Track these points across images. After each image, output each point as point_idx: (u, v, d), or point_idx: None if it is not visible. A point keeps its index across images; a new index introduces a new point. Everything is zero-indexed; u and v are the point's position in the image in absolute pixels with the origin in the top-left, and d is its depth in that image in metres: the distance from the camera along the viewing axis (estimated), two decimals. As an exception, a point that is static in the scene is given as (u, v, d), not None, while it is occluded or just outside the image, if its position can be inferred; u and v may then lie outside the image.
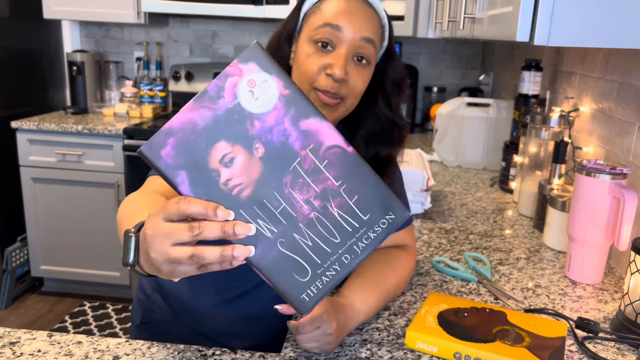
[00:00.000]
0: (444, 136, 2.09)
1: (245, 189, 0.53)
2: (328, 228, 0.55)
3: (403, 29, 2.35)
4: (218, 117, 0.52)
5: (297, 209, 0.54)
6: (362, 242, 0.56)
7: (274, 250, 0.53)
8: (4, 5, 2.68)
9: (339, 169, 0.55)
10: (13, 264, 2.74)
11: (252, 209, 0.53)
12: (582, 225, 1.06)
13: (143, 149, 0.56)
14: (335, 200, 0.55)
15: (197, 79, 3.04)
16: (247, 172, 0.53)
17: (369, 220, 0.56)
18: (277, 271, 0.53)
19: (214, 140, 0.53)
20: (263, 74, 0.53)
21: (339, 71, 0.86)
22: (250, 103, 0.53)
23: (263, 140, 0.53)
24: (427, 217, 1.46)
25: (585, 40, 0.81)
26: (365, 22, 0.89)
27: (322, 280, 0.55)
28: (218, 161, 0.53)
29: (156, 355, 0.80)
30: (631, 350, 0.87)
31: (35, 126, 2.58)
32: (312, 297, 0.55)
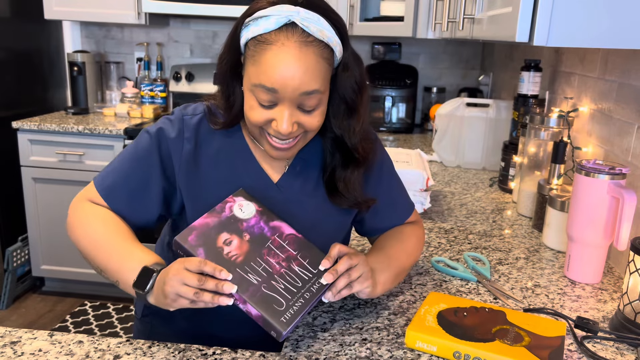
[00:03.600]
0: (443, 136, 2.09)
1: (239, 257, 0.84)
2: (292, 277, 0.85)
3: (402, 29, 2.35)
4: (222, 221, 0.87)
5: (272, 267, 0.85)
6: (315, 285, 0.85)
7: (260, 291, 0.81)
8: (5, 6, 2.68)
9: (296, 245, 0.89)
10: (14, 264, 2.74)
11: (244, 268, 0.83)
12: (581, 225, 1.07)
13: (177, 238, 0.84)
14: (295, 261, 0.87)
15: (198, 80, 3.04)
16: (240, 248, 0.85)
17: (317, 273, 0.86)
18: (262, 303, 0.80)
19: (219, 232, 0.86)
20: (246, 201, 0.91)
21: (284, 128, 0.84)
22: (240, 214, 0.89)
23: (249, 231, 0.88)
24: (426, 217, 1.47)
25: (585, 40, 0.82)
26: (302, 75, 0.81)
27: (292, 309, 0.81)
28: (222, 242, 0.85)
29: (157, 355, 0.81)
30: (630, 349, 0.87)
31: (36, 126, 2.59)
32: (288, 319, 0.79)
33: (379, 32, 2.54)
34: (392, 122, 2.79)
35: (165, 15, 2.92)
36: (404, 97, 2.77)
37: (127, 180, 0.95)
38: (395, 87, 2.75)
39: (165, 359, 0.80)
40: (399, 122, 2.79)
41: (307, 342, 0.85)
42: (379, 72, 2.80)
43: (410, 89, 2.78)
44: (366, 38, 2.92)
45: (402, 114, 2.79)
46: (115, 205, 0.95)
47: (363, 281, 0.87)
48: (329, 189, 0.98)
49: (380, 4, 2.63)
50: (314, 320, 0.91)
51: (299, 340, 0.86)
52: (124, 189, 0.95)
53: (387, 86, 2.75)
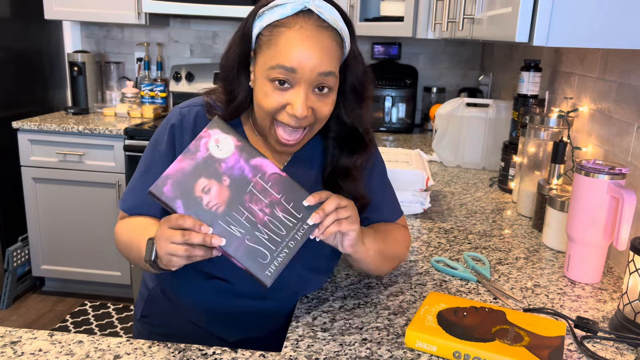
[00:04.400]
0: (443, 136, 2.09)
1: (220, 207, 0.80)
2: (276, 225, 0.81)
3: (402, 29, 2.35)
4: (198, 163, 0.80)
5: (255, 215, 0.81)
6: (299, 231, 0.82)
7: (244, 244, 0.79)
8: (5, 6, 2.68)
9: (279, 186, 0.83)
10: (14, 264, 2.74)
11: (226, 219, 0.79)
12: (581, 225, 1.07)
13: (151, 189, 0.79)
14: (279, 206, 0.82)
15: (198, 80, 3.04)
16: (220, 196, 0.80)
17: (302, 217, 0.83)
18: (247, 257, 0.78)
19: (196, 178, 0.80)
20: (223, 135, 0.82)
21: (300, 110, 0.85)
22: (217, 152, 0.81)
23: (228, 174, 0.81)
24: (426, 217, 1.47)
25: (584, 40, 0.82)
26: (321, 56, 0.84)
27: (277, 260, 0.80)
28: (200, 190, 0.80)
29: (157, 355, 0.81)
30: (630, 349, 0.87)
31: (36, 126, 2.59)
32: (273, 271, 0.79)
33: (379, 32, 2.54)
34: (392, 122, 2.79)
35: (165, 15, 2.93)
36: (403, 97, 2.77)
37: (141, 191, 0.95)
38: (395, 87, 2.75)
39: (165, 359, 0.80)
40: (398, 122, 2.79)
41: (307, 342, 0.85)
42: (379, 72, 2.80)
43: (410, 89, 2.78)
44: (366, 38, 2.92)
45: (402, 114, 2.79)
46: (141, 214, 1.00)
47: (351, 223, 0.85)
48: (328, 185, 0.98)
49: (380, 4, 2.63)
50: (314, 320, 0.92)
51: (299, 340, 0.86)
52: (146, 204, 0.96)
53: (387, 86, 2.75)
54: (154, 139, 0.99)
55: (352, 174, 0.97)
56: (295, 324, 0.90)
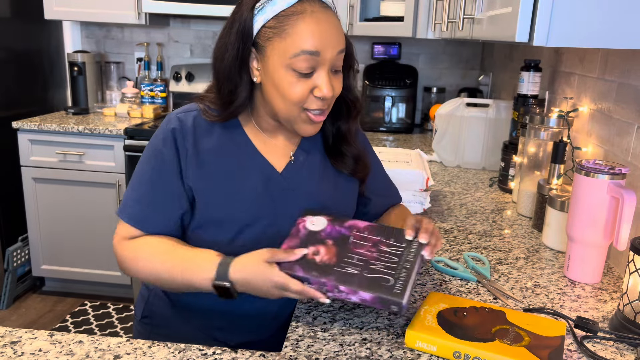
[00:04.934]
0: (443, 136, 2.09)
1: (332, 259, 0.87)
2: (387, 257, 0.88)
3: (402, 29, 2.36)
4: (302, 239, 0.91)
5: (365, 255, 0.88)
6: (410, 253, 0.88)
7: (364, 278, 0.84)
8: (5, 6, 2.68)
9: (375, 232, 0.93)
10: (14, 264, 2.74)
11: (340, 265, 0.86)
12: (581, 225, 1.07)
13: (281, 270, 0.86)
14: (382, 244, 0.90)
15: (198, 80, 3.04)
16: (328, 252, 0.88)
17: (407, 244, 0.90)
18: (372, 286, 0.82)
19: (306, 248, 0.88)
20: (314, 217, 0.95)
21: (327, 91, 0.89)
22: (314, 228, 0.93)
23: (329, 237, 0.91)
24: (426, 217, 1.47)
25: (584, 40, 0.82)
26: (336, 34, 0.89)
27: (400, 279, 0.83)
28: (311, 254, 0.88)
29: (157, 355, 0.81)
30: (630, 349, 0.87)
31: (36, 126, 2.59)
32: (401, 288, 0.82)
33: (379, 32, 2.54)
34: (392, 122, 2.79)
35: (165, 15, 2.93)
36: (403, 97, 2.77)
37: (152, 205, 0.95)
38: (395, 87, 2.75)
39: (165, 359, 0.80)
40: (398, 122, 2.79)
41: (307, 342, 0.85)
42: (379, 72, 2.80)
43: (410, 89, 2.78)
44: (366, 38, 2.92)
45: (402, 114, 2.79)
46: (152, 230, 0.96)
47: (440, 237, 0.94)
48: (334, 155, 1.04)
49: (380, 4, 2.63)
50: (314, 320, 0.92)
51: (299, 340, 0.86)
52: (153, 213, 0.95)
53: (387, 86, 2.75)
54: (153, 148, 0.97)
55: (349, 140, 1.04)
56: (295, 324, 0.90)
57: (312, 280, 0.83)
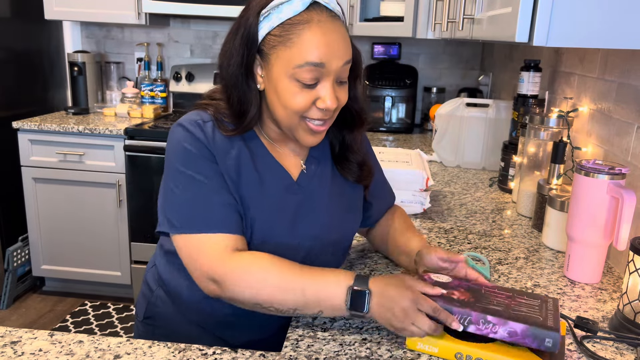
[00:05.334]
0: (443, 136, 2.09)
1: (470, 299, 0.84)
2: (527, 305, 0.84)
3: (402, 29, 2.36)
4: (436, 284, 0.88)
5: (505, 302, 0.85)
6: (550, 308, 0.85)
7: (510, 312, 0.81)
8: (5, 6, 2.68)
9: (506, 290, 0.89)
10: (14, 264, 2.74)
11: (481, 301, 0.84)
12: (581, 225, 1.07)
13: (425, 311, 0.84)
14: (518, 297, 0.87)
15: (198, 80, 3.04)
16: (464, 295, 0.86)
17: (541, 301, 0.87)
18: (523, 319, 0.79)
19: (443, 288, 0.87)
20: (436, 274, 0.93)
21: (330, 102, 0.87)
22: (440, 280, 0.91)
23: (460, 287, 0.89)
24: (426, 217, 1.47)
25: (584, 40, 0.82)
26: (343, 45, 0.86)
27: (550, 319, 0.80)
28: (447, 294, 0.85)
29: (157, 355, 0.81)
30: (630, 349, 0.87)
31: (36, 126, 2.59)
32: (554, 323, 0.79)
33: (379, 32, 2.54)
34: (392, 122, 2.79)
35: (165, 15, 2.93)
36: (403, 97, 2.77)
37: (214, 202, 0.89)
38: (395, 87, 2.75)
39: (165, 358, 0.80)
40: (398, 122, 2.79)
41: (307, 342, 0.85)
42: (378, 72, 2.80)
43: (410, 89, 2.78)
44: (366, 38, 2.92)
45: (402, 114, 2.79)
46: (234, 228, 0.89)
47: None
48: (340, 162, 1.03)
49: (380, 4, 2.63)
50: (314, 320, 0.92)
51: (299, 340, 0.86)
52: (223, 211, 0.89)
53: (387, 86, 2.75)
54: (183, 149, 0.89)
55: (355, 148, 1.03)
56: (295, 324, 0.90)
57: (455, 310, 0.80)
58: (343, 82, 0.91)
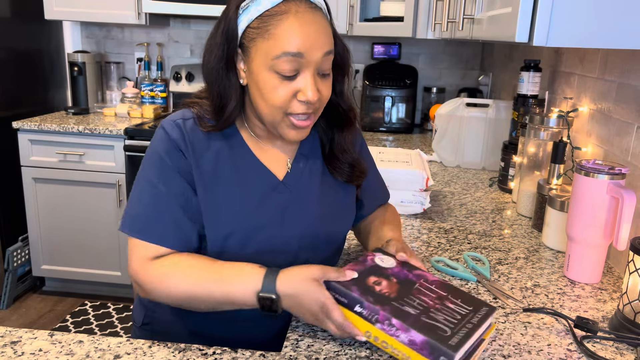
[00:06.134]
0: (443, 136, 2.09)
1: (392, 294, 0.82)
2: (450, 312, 0.81)
3: (402, 29, 2.36)
4: (367, 268, 0.88)
5: (427, 303, 0.82)
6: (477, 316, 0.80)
7: (420, 320, 0.78)
8: (5, 6, 2.68)
9: (443, 288, 0.86)
10: (14, 264, 2.74)
11: (399, 301, 0.81)
12: (581, 225, 1.07)
13: (329, 292, 0.84)
14: (448, 301, 0.84)
15: (198, 80, 3.04)
16: (390, 287, 0.84)
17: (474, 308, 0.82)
18: (427, 330, 0.76)
19: (367, 275, 0.86)
20: (385, 255, 0.92)
21: (312, 94, 0.85)
22: (382, 264, 0.90)
23: (395, 276, 0.87)
24: (426, 217, 1.47)
25: (584, 40, 0.82)
26: (322, 36, 0.85)
27: (459, 334, 0.75)
28: (372, 282, 0.84)
29: (157, 355, 0.81)
30: (630, 349, 0.87)
31: (36, 126, 2.59)
32: (457, 343, 0.74)
33: (379, 32, 2.54)
34: (391, 122, 2.79)
35: (165, 15, 2.93)
36: (403, 97, 2.77)
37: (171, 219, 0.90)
38: (395, 87, 2.75)
39: (165, 358, 0.80)
40: (398, 122, 2.79)
41: (307, 342, 0.85)
42: (379, 72, 2.80)
43: (410, 89, 2.78)
44: (366, 38, 2.92)
45: (402, 114, 2.79)
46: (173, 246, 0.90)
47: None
48: (331, 162, 1.02)
49: (380, 4, 2.63)
50: (313, 320, 0.92)
51: (299, 340, 0.86)
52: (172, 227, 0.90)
53: (387, 86, 2.75)
54: (157, 156, 0.91)
55: (345, 149, 1.02)
56: (295, 324, 0.90)
57: (366, 304, 0.79)
58: (325, 74, 0.89)
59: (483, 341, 0.80)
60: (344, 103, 0.99)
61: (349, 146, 1.03)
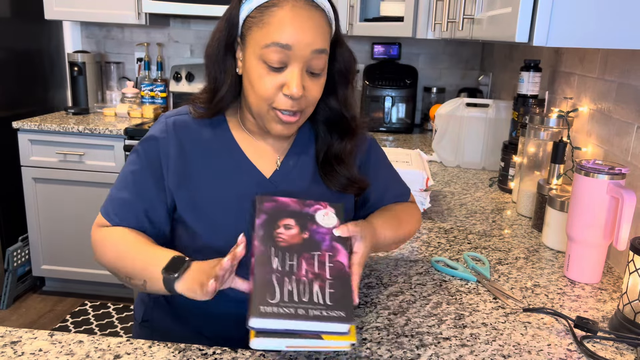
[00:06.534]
0: (443, 136, 2.09)
1: (283, 242, 0.82)
2: (305, 291, 0.78)
3: (402, 29, 2.36)
4: (301, 212, 0.86)
5: (299, 270, 0.80)
6: (315, 311, 0.75)
7: (269, 275, 0.77)
8: (5, 6, 2.68)
9: (335, 273, 0.81)
10: (14, 264, 2.74)
11: (278, 251, 0.80)
12: (580, 225, 1.07)
13: (260, 195, 0.86)
14: (320, 283, 0.79)
15: (198, 80, 3.04)
16: (291, 238, 0.83)
17: (328, 305, 0.76)
18: (261, 284, 0.76)
19: (289, 216, 0.85)
20: (335, 218, 0.87)
21: (296, 89, 0.85)
22: (319, 219, 0.87)
23: (311, 233, 0.85)
24: (426, 217, 1.47)
25: (584, 40, 0.82)
26: (314, 33, 0.85)
27: (278, 311, 0.73)
28: (283, 224, 0.84)
29: (157, 355, 0.81)
30: (630, 349, 0.87)
31: (36, 126, 2.59)
32: (265, 312, 0.72)
33: (379, 32, 2.54)
34: (391, 122, 2.79)
35: (165, 15, 2.93)
36: (403, 97, 2.77)
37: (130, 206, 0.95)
38: (395, 87, 2.75)
39: (165, 358, 0.80)
40: (398, 122, 2.79)
41: (307, 341, 0.85)
42: (379, 72, 2.80)
43: (410, 89, 2.78)
44: (366, 38, 2.92)
45: (402, 114, 2.79)
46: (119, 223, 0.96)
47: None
48: (324, 169, 0.99)
49: (380, 4, 2.63)
50: (313, 320, 0.91)
51: (299, 340, 0.86)
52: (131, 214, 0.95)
53: (387, 86, 2.75)
54: (136, 149, 0.97)
55: (344, 160, 0.99)
56: (295, 324, 0.90)
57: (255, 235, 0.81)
58: (316, 74, 0.89)
59: (322, 340, 0.74)
60: (346, 111, 0.98)
61: (347, 157, 0.99)
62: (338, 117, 0.98)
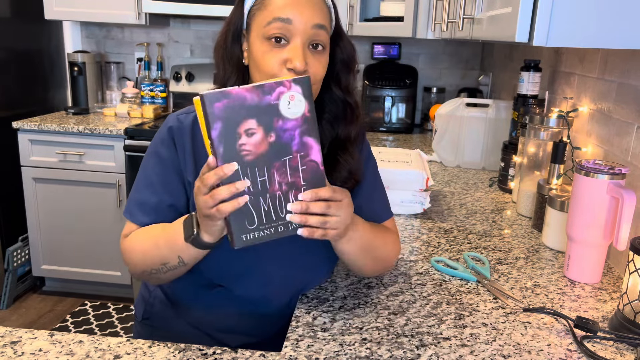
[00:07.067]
0: (443, 136, 2.09)
1: (249, 156, 0.74)
2: (282, 205, 0.77)
3: (402, 29, 2.36)
4: (260, 105, 0.74)
5: (272, 184, 0.76)
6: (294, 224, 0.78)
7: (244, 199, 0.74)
8: (5, 6, 2.68)
9: (310, 175, 0.78)
10: (14, 264, 2.74)
11: (246, 169, 0.74)
12: (580, 225, 1.07)
13: (205, 95, 0.72)
14: (296, 191, 0.77)
15: (198, 80, 3.04)
16: (257, 146, 0.74)
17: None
18: (238, 213, 0.74)
19: (249, 116, 0.73)
20: (301, 96, 0.76)
21: (299, 63, 0.86)
22: (284, 109, 0.75)
23: (278, 133, 0.75)
24: (426, 217, 1.47)
25: (584, 40, 0.82)
26: (313, 9, 0.88)
27: (260, 233, 0.77)
28: (244, 130, 0.73)
29: (157, 355, 0.81)
30: (630, 349, 0.87)
31: (36, 126, 2.59)
32: (249, 240, 0.76)
33: (379, 32, 2.54)
34: (391, 122, 2.79)
35: (165, 15, 2.93)
36: (403, 97, 2.77)
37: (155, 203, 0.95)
38: (395, 87, 2.75)
39: (165, 359, 0.80)
40: (398, 122, 2.79)
41: (307, 342, 0.85)
42: (379, 72, 2.80)
43: (410, 89, 2.78)
44: (366, 38, 2.92)
45: (402, 114, 2.79)
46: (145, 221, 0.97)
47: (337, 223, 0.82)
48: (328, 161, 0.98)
49: (380, 4, 2.63)
50: (314, 320, 0.92)
51: (299, 340, 0.86)
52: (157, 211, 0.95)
53: (387, 86, 2.75)
54: (154, 149, 0.98)
55: (348, 148, 0.99)
56: (295, 324, 0.90)
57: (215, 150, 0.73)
58: (317, 50, 0.90)
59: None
60: (350, 97, 0.99)
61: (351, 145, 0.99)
62: (342, 106, 0.99)
